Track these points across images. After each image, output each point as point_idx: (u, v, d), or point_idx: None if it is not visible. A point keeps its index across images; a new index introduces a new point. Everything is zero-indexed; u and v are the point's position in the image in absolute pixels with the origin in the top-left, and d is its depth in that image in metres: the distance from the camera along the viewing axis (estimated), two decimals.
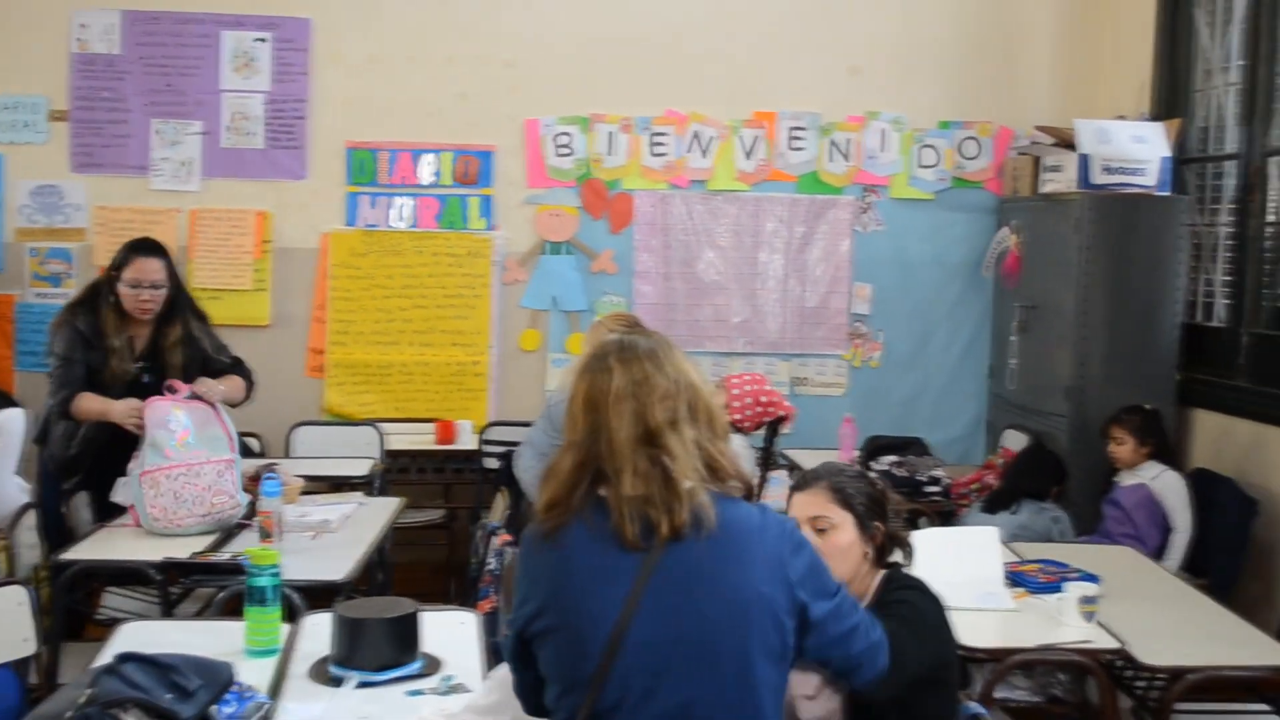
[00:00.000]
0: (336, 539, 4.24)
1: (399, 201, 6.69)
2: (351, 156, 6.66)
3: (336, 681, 2.88)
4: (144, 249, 4.69)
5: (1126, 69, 6.41)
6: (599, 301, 6.74)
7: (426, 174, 6.70)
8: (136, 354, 4.68)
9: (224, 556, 3.97)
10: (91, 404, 4.56)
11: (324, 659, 2.98)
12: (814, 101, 6.79)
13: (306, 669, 2.97)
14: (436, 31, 6.65)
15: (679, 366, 2.24)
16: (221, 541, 4.12)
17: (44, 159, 6.54)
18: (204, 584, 4.08)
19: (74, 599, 4.18)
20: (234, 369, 4.85)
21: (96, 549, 4.11)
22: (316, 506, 4.59)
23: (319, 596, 3.63)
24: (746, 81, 6.75)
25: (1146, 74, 6.26)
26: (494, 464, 6.16)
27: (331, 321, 6.67)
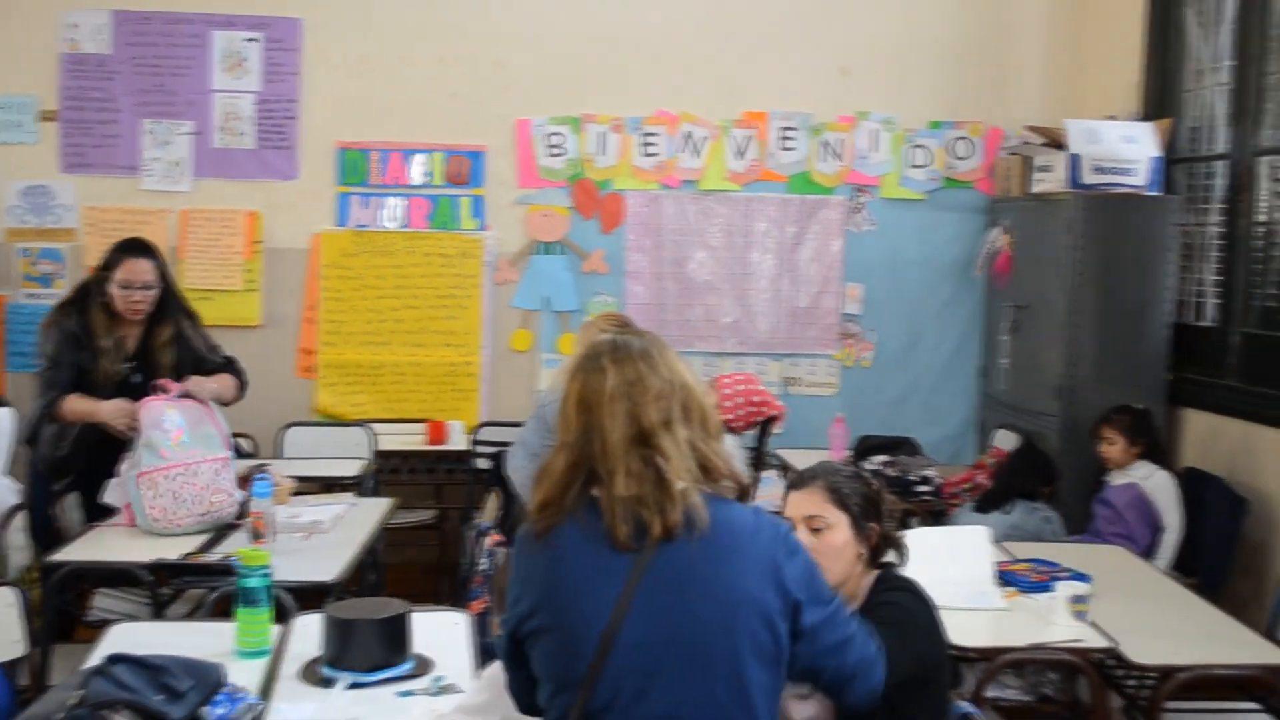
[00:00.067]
0: (327, 540, 4.24)
1: (390, 202, 6.69)
2: (342, 157, 6.65)
3: (327, 682, 2.88)
4: (134, 250, 4.68)
5: (1116, 69, 6.42)
6: (590, 302, 6.73)
7: (417, 174, 6.69)
8: (126, 354, 4.68)
9: (214, 557, 3.97)
10: (79, 405, 4.55)
11: (315, 660, 2.98)
12: (805, 102, 6.79)
13: (297, 670, 2.97)
14: (427, 31, 6.64)
15: (672, 366, 2.24)
16: (212, 542, 4.12)
17: (34, 159, 6.52)
18: (194, 585, 4.08)
19: (64, 600, 4.17)
20: (227, 368, 4.84)
21: (87, 550, 4.10)
22: (307, 507, 4.59)
23: (310, 597, 3.63)
24: (737, 82, 6.76)
25: (1136, 74, 6.27)
26: (485, 464, 6.16)
27: (322, 322, 6.66)
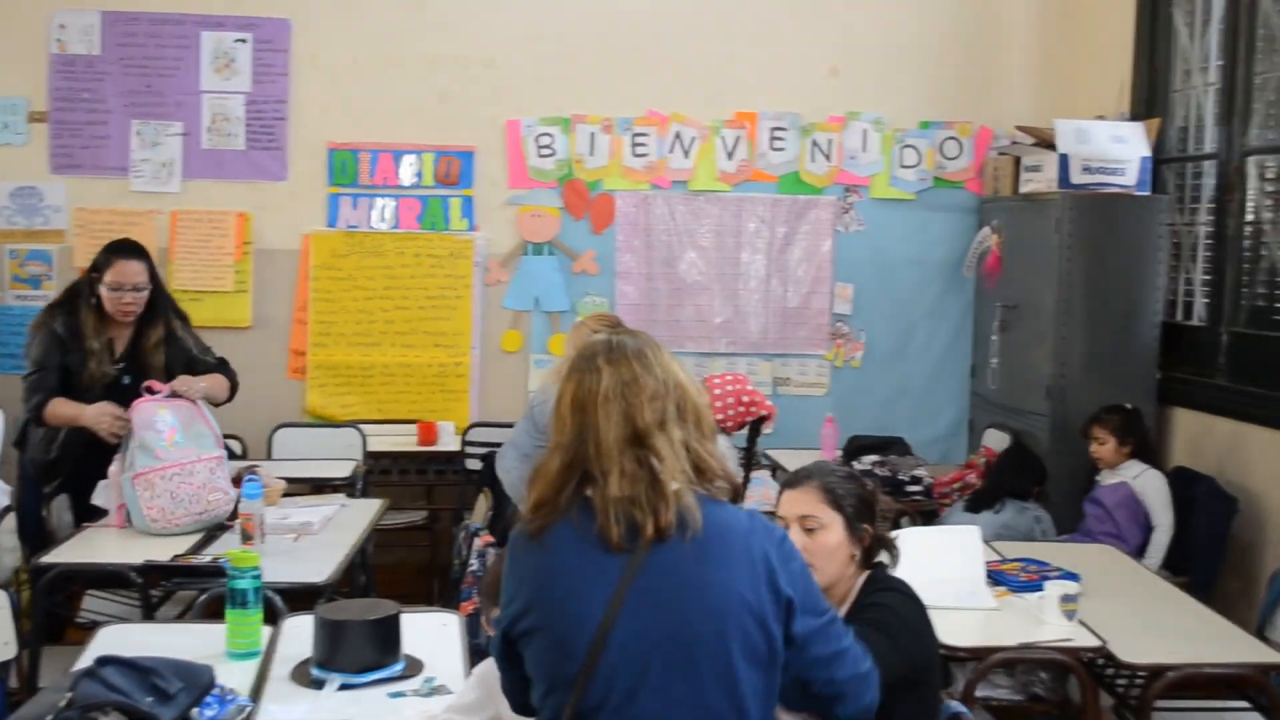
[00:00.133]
0: (318, 541, 4.23)
1: (380, 202, 6.68)
2: (332, 157, 6.64)
3: (318, 684, 2.88)
4: (125, 251, 4.67)
5: (1106, 69, 6.43)
6: (581, 302, 6.73)
7: (408, 175, 6.68)
8: (116, 356, 4.67)
9: (205, 559, 3.97)
10: (63, 409, 4.54)
11: (305, 661, 2.98)
12: (795, 102, 6.79)
13: (288, 671, 2.96)
14: (417, 32, 6.63)
15: (667, 367, 2.23)
16: (202, 544, 4.12)
17: (23, 160, 6.50)
18: (185, 587, 4.06)
19: (54, 602, 4.16)
20: (219, 370, 4.83)
21: (77, 552, 4.10)
22: (298, 508, 4.58)
23: (300, 599, 3.63)
24: (727, 82, 6.76)
25: (1126, 74, 6.28)
26: (476, 465, 6.17)
27: (313, 323, 6.65)
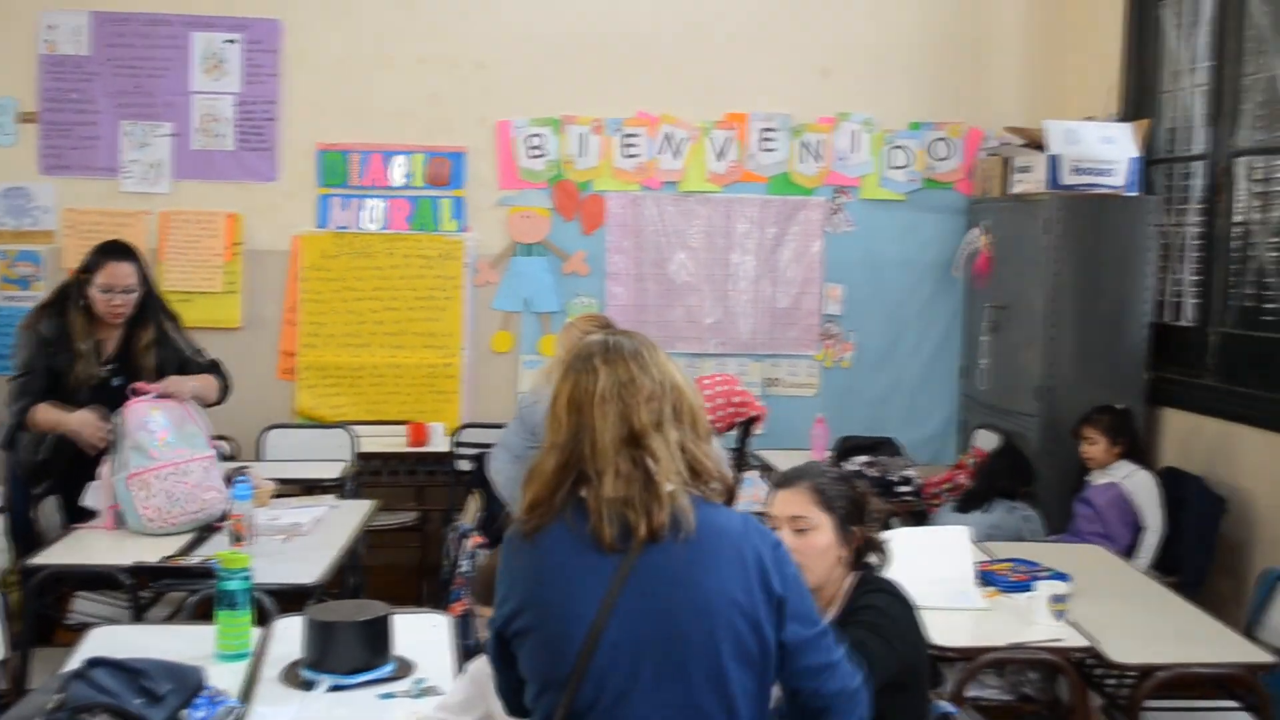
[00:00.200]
0: (308, 542, 4.23)
1: (370, 203, 6.67)
2: (322, 158, 6.63)
3: (308, 685, 2.87)
4: (116, 253, 4.64)
5: (1095, 70, 6.44)
6: (571, 303, 6.73)
7: (398, 176, 6.68)
8: (106, 357, 4.65)
9: (194, 560, 3.96)
10: (46, 415, 4.52)
11: (295, 662, 2.98)
12: (785, 103, 6.80)
13: (278, 673, 2.96)
14: (407, 33, 6.62)
15: (663, 368, 2.22)
16: (192, 545, 4.11)
17: (12, 161, 6.48)
18: (174, 588, 4.07)
19: (44, 604, 4.15)
20: (211, 371, 4.82)
21: (66, 553, 4.09)
22: (288, 509, 4.57)
23: (290, 600, 3.62)
24: (717, 83, 6.76)
25: (1115, 75, 6.30)
26: (466, 466, 6.16)
27: (303, 324, 6.64)
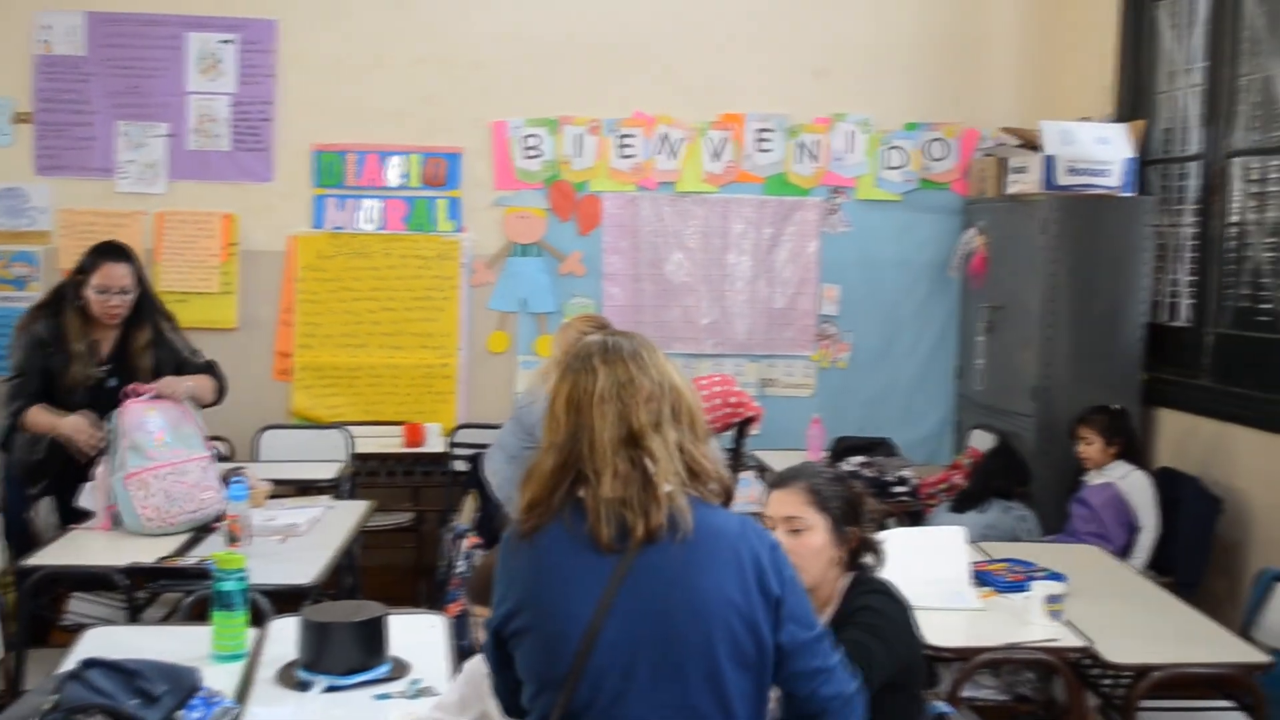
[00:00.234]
0: (304, 542, 4.22)
1: (366, 204, 6.66)
2: (318, 159, 6.63)
3: (304, 686, 2.87)
4: (112, 254, 4.64)
5: (1090, 71, 6.45)
6: (567, 303, 6.73)
7: (394, 176, 6.67)
8: (102, 358, 4.65)
9: (190, 561, 3.96)
10: (41, 418, 4.53)
11: (291, 663, 2.97)
12: (781, 103, 6.80)
13: (273, 673, 2.96)
14: (403, 33, 6.62)
15: (662, 368, 2.23)
16: (188, 546, 4.11)
17: (7, 161, 6.47)
18: (170, 589, 4.06)
19: (39, 605, 4.15)
20: (207, 372, 4.82)
21: (62, 554, 4.08)
22: (284, 510, 4.57)
23: (286, 600, 3.62)
24: (714, 84, 6.76)
25: (1110, 76, 6.30)
26: (463, 467, 6.15)
27: (299, 324, 6.64)
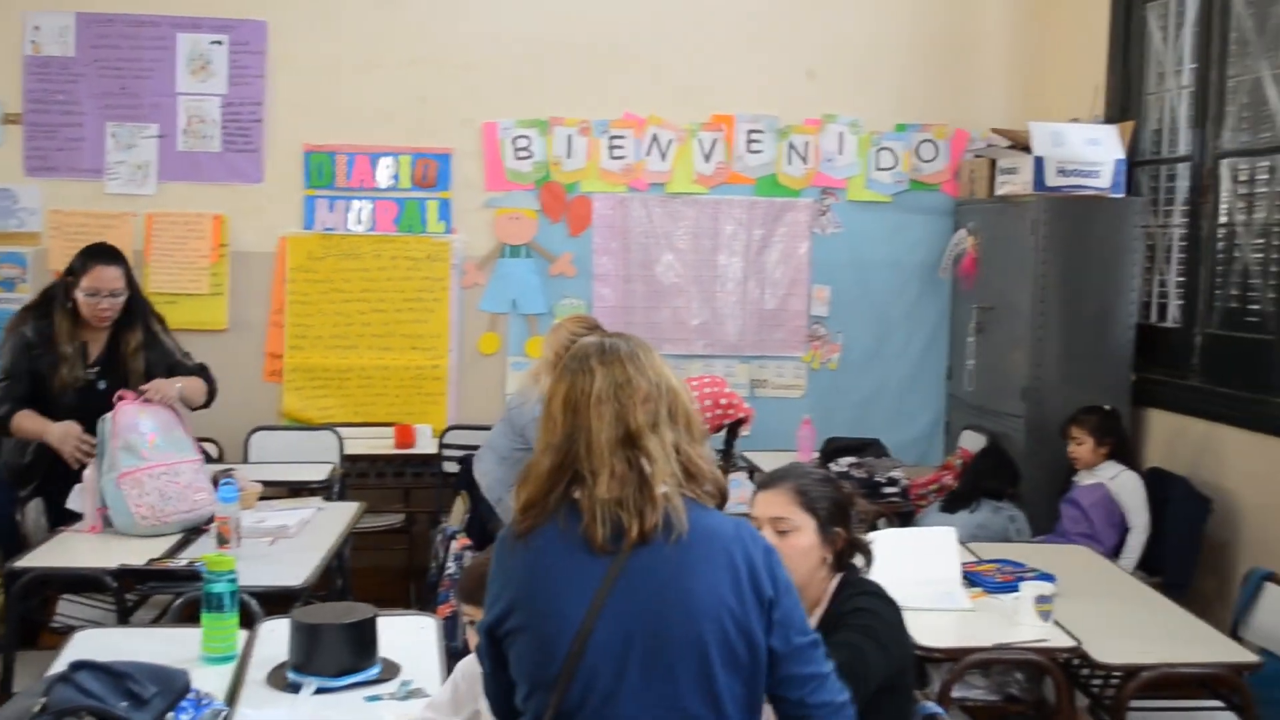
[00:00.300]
0: (294, 544, 4.21)
1: (356, 205, 6.66)
2: (308, 160, 6.62)
3: (294, 687, 2.87)
4: (102, 256, 4.62)
5: (1080, 72, 6.46)
6: (558, 304, 6.72)
7: (384, 177, 6.67)
8: (91, 360, 4.64)
9: (180, 563, 3.94)
10: (29, 424, 4.52)
11: (281, 665, 2.97)
12: (771, 104, 6.80)
13: (264, 675, 2.96)
14: (394, 35, 6.62)
15: (659, 370, 2.23)
16: (178, 547, 4.10)
17: None
18: (160, 590, 4.05)
19: (28, 607, 4.13)
20: (198, 374, 4.81)
21: (51, 556, 4.07)
22: (274, 512, 4.56)
23: (277, 602, 3.61)
24: (704, 85, 6.76)
25: (1100, 77, 6.31)
26: (453, 468, 6.16)
27: (289, 326, 6.63)
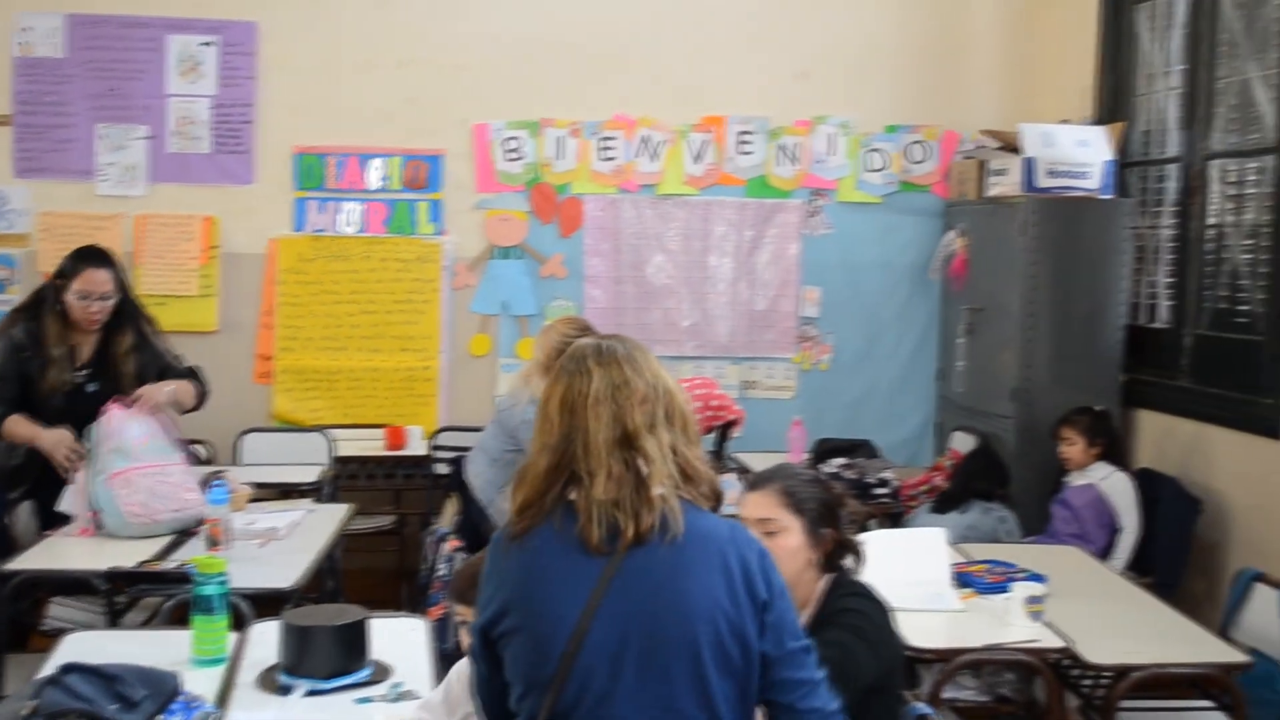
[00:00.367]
0: (285, 546, 4.21)
1: (347, 206, 6.65)
2: (299, 161, 6.61)
3: (284, 690, 2.87)
4: (93, 259, 4.61)
5: (1069, 73, 6.47)
6: (549, 306, 6.72)
7: (375, 179, 6.66)
8: (80, 362, 4.63)
9: (171, 565, 3.94)
10: (20, 429, 4.50)
11: (272, 667, 2.97)
12: (762, 106, 6.80)
13: (254, 678, 2.96)
14: (384, 36, 6.61)
15: (655, 371, 2.24)
16: (168, 550, 4.10)
17: None
18: (150, 593, 4.05)
19: (18, 609, 4.13)
20: (189, 377, 4.80)
21: (41, 559, 4.07)
22: (264, 514, 4.56)
23: (267, 604, 3.61)
24: (695, 86, 6.76)
25: (1089, 78, 6.33)
26: (444, 469, 6.14)
27: (280, 327, 6.62)
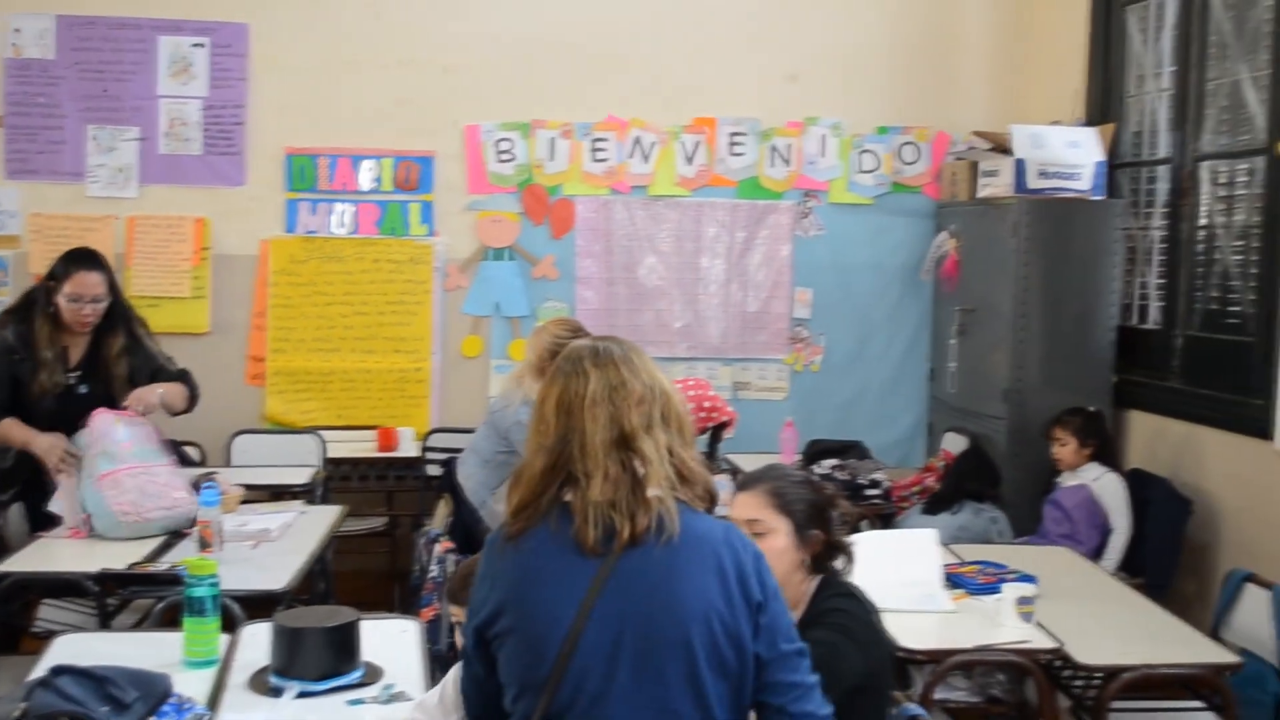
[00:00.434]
0: (276, 548, 4.21)
1: (339, 208, 6.65)
2: (290, 162, 6.61)
3: (276, 692, 2.86)
4: (84, 262, 4.60)
5: (1061, 75, 6.49)
6: (541, 307, 6.72)
7: (367, 180, 6.66)
8: (71, 364, 4.63)
9: (162, 567, 3.94)
10: (14, 432, 4.50)
11: (263, 669, 2.96)
12: (754, 107, 6.81)
13: (245, 679, 2.95)
14: (376, 37, 6.61)
15: (651, 372, 2.24)
16: (160, 551, 4.09)
17: None
18: (142, 595, 4.04)
19: (9, 611, 4.13)
20: (180, 379, 4.80)
21: (32, 560, 4.06)
22: (256, 515, 4.56)
23: (259, 606, 3.60)
24: (687, 87, 6.76)
25: (1080, 80, 6.34)
26: (436, 471, 6.14)
27: (271, 329, 6.62)
